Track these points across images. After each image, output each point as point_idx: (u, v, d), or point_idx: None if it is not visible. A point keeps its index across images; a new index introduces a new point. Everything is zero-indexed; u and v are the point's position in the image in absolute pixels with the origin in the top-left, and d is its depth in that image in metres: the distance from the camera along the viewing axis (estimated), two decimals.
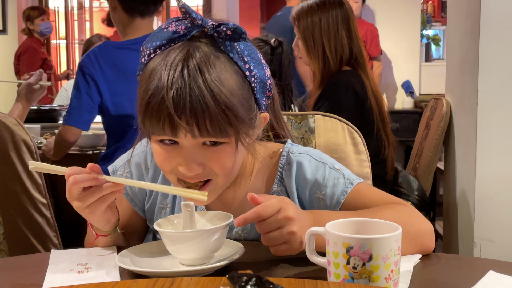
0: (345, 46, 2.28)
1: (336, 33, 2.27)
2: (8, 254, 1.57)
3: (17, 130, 1.55)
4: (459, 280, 0.89)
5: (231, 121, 0.92)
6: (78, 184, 0.95)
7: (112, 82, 2.18)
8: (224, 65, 0.94)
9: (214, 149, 0.96)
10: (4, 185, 1.55)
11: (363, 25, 5.26)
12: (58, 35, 7.01)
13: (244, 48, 0.97)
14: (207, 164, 0.97)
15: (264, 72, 1.01)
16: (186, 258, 0.94)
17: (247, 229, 1.11)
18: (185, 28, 0.95)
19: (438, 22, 6.49)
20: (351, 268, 0.78)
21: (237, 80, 0.95)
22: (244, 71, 0.96)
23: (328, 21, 2.28)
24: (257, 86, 0.98)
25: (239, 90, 0.95)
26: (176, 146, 0.96)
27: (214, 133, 0.92)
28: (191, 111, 0.90)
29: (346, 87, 2.23)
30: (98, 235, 1.05)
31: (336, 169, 1.09)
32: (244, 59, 0.97)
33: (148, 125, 0.95)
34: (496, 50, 2.06)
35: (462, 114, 2.37)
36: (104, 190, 0.96)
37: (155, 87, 0.91)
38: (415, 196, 2.41)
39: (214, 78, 0.91)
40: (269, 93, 1.03)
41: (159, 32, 0.98)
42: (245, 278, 0.56)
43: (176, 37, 0.95)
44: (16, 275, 0.94)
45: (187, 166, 0.96)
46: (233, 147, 0.96)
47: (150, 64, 0.96)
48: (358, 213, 0.99)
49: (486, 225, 2.11)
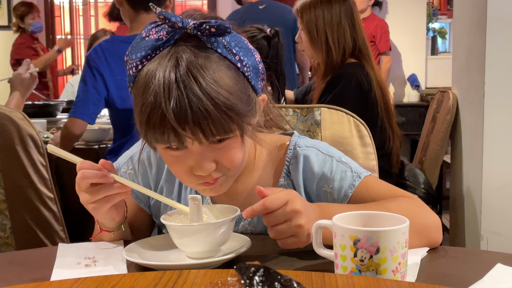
0: (348, 37, 2.30)
1: (339, 24, 2.30)
2: (15, 248, 1.58)
3: (23, 125, 1.55)
4: (467, 273, 0.88)
5: (233, 119, 0.92)
6: (86, 180, 0.95)
7: (119, 75, 2.19)
8: (215, 64, 0.92)
9: (221, 145, 0.96)
10: (11, 179, 1.56)
11: (373, 20, 5.25)
12: (63, 30, 7.01)
13: (230, 39, 0.95)
14: (219, 161, 0.97)
15: (255, 58, 0.99)
16: (193, 251, 0.95)
17: (253, 222, 1.11)
18: (167, 33, 0.93)
19: (444, 15, 6.46)
20: (358, 260, 0.78)
21: (231, 75, 0.93)
22: (235, 63, 0.95)
23: (331, 13, 2.31)
24: (250, 74, 0.97)
25: (236, 86, 0.93)
26: (185, 150, 0.96)
27: (218, 134, 0.92)
28: (193, 121, 0.89)
29: (350, 79, 2.24)
30: (102, 230, 1.06)
31: (344, 162, 1.08)
32: (233, 51, 0.95)
33: (152, 138, 0.94)
34: (503, 42, 2.05)
35: (468, 107, 2.36)
36: (111, 190, 0.96)
37: (153, 103, 0.90)
38: (421, 189, 2.41)
39: (209, 81, 0.89)
40: (263, 76, 1.03)
41: (141, 41, 0.95)
42: (252, 269, 0.56)
43: (159, 44, 0.93)
44: (24, 269, 0.95)
45: (201, 167, 0.95)
46: (239, 139, 0.96)
47: (140, 76, 0.94)
48: (364, 206, 0.99)
49: (493, 218, 2.10)
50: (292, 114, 1.39)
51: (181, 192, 1.14)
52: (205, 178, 0.98)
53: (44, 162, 1.61)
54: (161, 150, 0.99)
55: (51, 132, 2.66)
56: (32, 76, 2.33)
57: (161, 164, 1.15)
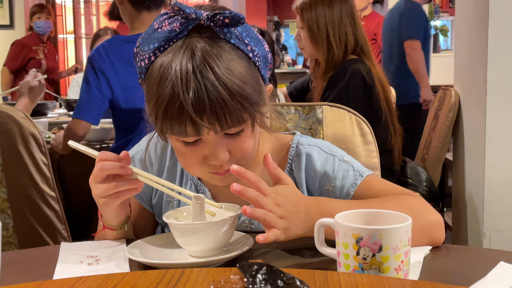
0: (350, 34, 2.32)
1: (340, 21, 2.31)
2: (18, 247, 1.58)
3: (25, 124, 1.55)
4: (469, 271, 0.88)
5: (247, 108, 0.93)
6: (104, 171, 0.96)
7: (123, 76, 2.18)
8: (229, 54, 0.93)
9: (234, 134, 0.97)
10: (13, 178, 1.56)
11: (375, 18, 5.24)
12: (65, 29, 7.01)
13: (242, 30, 0.97)
14: (232, 151, 0.98)
15: (264, 48, 1.01)
16: (195, 250, 0.95)
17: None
18: (180, 25, 0.94)
19: (446, 12, 6.46)
20: (361, 259, 0.78)
21: (244, 65, 0.95)
22: (247, 53, 0.96)
23: (332, 11, 2.32)
24: (261, 63, 0.99)
25: (248, 75, 0.95)
26: (199, 141, 0.97)
27: (233, 124, 0.93)
28: (211, 110, 0.90)
29: (354, 74, 2.25)
30: (105, 227, 1.06)
31: (346, 161, 1.09)
32: (245, 42, 0.96)
33: (168, 129, 0.95)
34: (505, 40, 2.04)
35: (470, 104, 2.36)
36: (123, 186, 0.97)
37: (170, 94, 0.90)
38: (423, 187, 2.40)
39: (224, 70, 0.91)
40: (270, 65, 1.05)
41: (153, 33, 0.96)
42: (255, 267, 0.56)
43: (173, 35, 0.93)
44: (26, 267, 0.95)
45: (216, 157, 0.96)
46: (250, 129, 0.98)
47: (154, 68, 0.94)
48: (364, 202, 0.99)
49: (495, 215, 2.10)
50: (294, 112, 1.39)
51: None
52: (217, 168, 0.99)
53: (46, 161, 1.61)
54: (173, 141, 1.00)
55: (52, 132, 2.66)
56: (41, 84, 2.35)
57: (162, 162, 1.16)
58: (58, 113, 3.73)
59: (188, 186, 1.13)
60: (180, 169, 1.14)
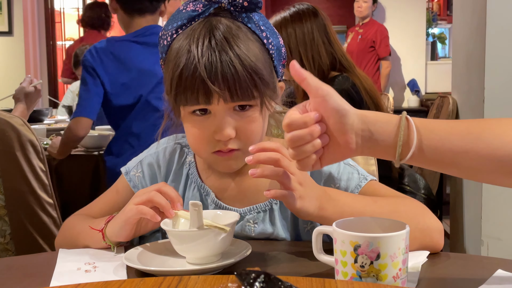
0: (324, 53, 2.23)
1: (312, 42, 2.23)
2: (15, 254, 1.57)
3: (23, 130, 1.55)
4: (467, 279, 0.88)
5: (257, 84, 0.98)
6: (154, 203, 0.98)
7: (113, 74, 2.24)
8: (246, 34, 1.00)
9: (243, 113, 1.01)
10: (11, 185, 1.56)
11: (373, 25, 5.26)
12: (64, 36, 7.02)
13: (259, 18, 1.04)
14: (238, 130, 1.01)
15: (279, 40, 1.07)
16: (193, 257, 0.94)
17: (258, 219, 1.10)
18: (203, 6, 1.01)
19: (444, 20, 6.48)
20: (358, 266, 0.78)
21: (259, 47, 1.01)
22: (262, 39, 1.03)
23: (303, 31, 2.23)
24: (274, 53, 1.05)
25: (262, 56, 1.01)
26: (209, 116, 1.01)
27: (242, 97, 0.98)
28: (222, 77, 0.96)
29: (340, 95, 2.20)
30: (101, 232, 1.05)
31: (351, 165, 1.11)
32: (261, 28, 1.03)
33: (182, 97, 0.99)
34: (503, 47, 2.05)
35: (468, 112, 2.36)
36: (149, 216, 0.98)
37: (186, 59, 0.97)
38: (421, 194, 2.40)
39: (241, 46, 0.98)
40: (284, 61, 1.09)
41: (178, 14, 1.03)
42: (253, 275, 0.56)
43: (195, 15, 1.01)
44: (23, 274, 0.94)
45: (222, 130, 1.00)
46: (258, 111, 1.02)
47: (175, 43, 1.01)
48: (372, 199, 1.01)
49: (493, 223, 2.10)
50: None
51: (185, 192, 1.15)
52: (221, 146, 1.02)
53: (44, 168, 1.61)
54: (186, 117, 1.03)
55: (50, 138, 2.65)
56: (36, 90, 2.36)
57: (169, 166, 1.17)
58: (57, 119, 3.73)
59: (192, 188, 1.14)
60: (186, 172, 1.15)
